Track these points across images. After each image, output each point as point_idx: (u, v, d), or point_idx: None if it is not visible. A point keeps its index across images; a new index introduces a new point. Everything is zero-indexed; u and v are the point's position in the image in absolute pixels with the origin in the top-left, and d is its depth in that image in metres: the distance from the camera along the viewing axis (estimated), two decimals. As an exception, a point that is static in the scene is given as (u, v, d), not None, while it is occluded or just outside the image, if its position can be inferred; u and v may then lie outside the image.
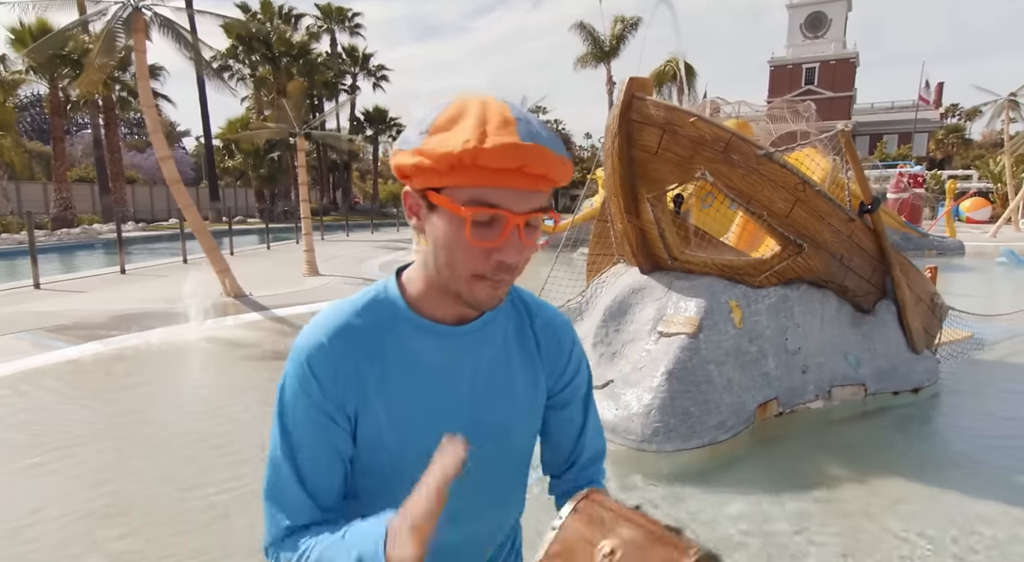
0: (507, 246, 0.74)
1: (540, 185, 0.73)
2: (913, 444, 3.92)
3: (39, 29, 22.75)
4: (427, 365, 0.85)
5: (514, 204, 0.72)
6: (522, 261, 0.77)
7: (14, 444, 3.82)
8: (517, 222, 0.73)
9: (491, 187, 0.71)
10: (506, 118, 0.71)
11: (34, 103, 37.76)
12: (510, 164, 0.69)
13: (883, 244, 4.38)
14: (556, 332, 0.97)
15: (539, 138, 0.71)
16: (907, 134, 49.76)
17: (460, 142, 0.69)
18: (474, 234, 0.73)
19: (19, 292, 9.47)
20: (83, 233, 22.71)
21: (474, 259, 0.75)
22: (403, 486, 0.80)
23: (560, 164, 0.73)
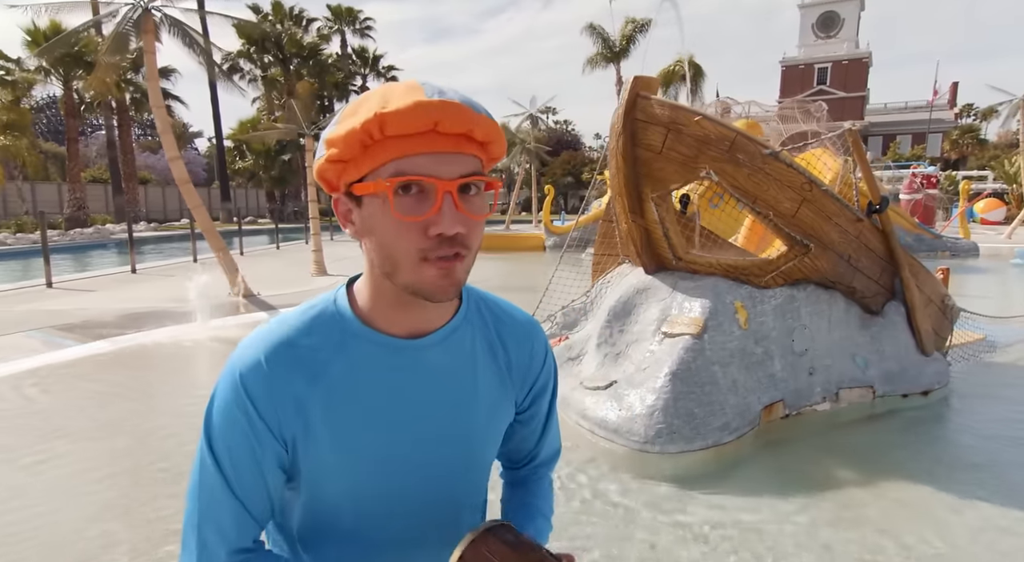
0: (443, 216, 0.66)
1: (464, 146, 0.68)
2: (922, 447, 3.86)
3: (53, 31, 23.05)
4: (380, 384, 0.77)
5: (439, 169, 0.66)
6: (468, 235, 0.69)
7: (20, 440, 3.86)
8: (448, 188, 0.66)
9: (409, 155, 0.66)
10: (411, 85, 0.67)
11: (50, 105, 38.24)
12: (420, 124, 0.64)
13: (892, 245, 4.32)
14: (529, 341, 0.90)
15: (450, 95, 0.66)
16: (921, 134, 49.25)
17: (365, 116, 0.65)
18: (402, 208, 0.66)
19: (32, 291, 9.58)
20: (96, 233, 22.98)
21: (412, 238, 0.68)
22: (358, 521, 0.79)
23: (483, 122, 0.67)
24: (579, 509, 3.01)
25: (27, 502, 3.07)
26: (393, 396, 0.77)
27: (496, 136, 0.70)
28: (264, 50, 35.22)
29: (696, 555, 2.64)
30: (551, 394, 0.97)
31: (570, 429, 3.87)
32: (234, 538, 0.75)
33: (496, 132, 0.70)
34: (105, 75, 8.98)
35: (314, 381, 0.74)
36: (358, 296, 0.79)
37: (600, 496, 3.17)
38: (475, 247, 0.72)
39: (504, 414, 0.88)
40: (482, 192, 0.71)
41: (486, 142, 0.70)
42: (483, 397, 0.84)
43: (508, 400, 0.88)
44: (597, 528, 2.84)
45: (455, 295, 0.73)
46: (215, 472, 0.73)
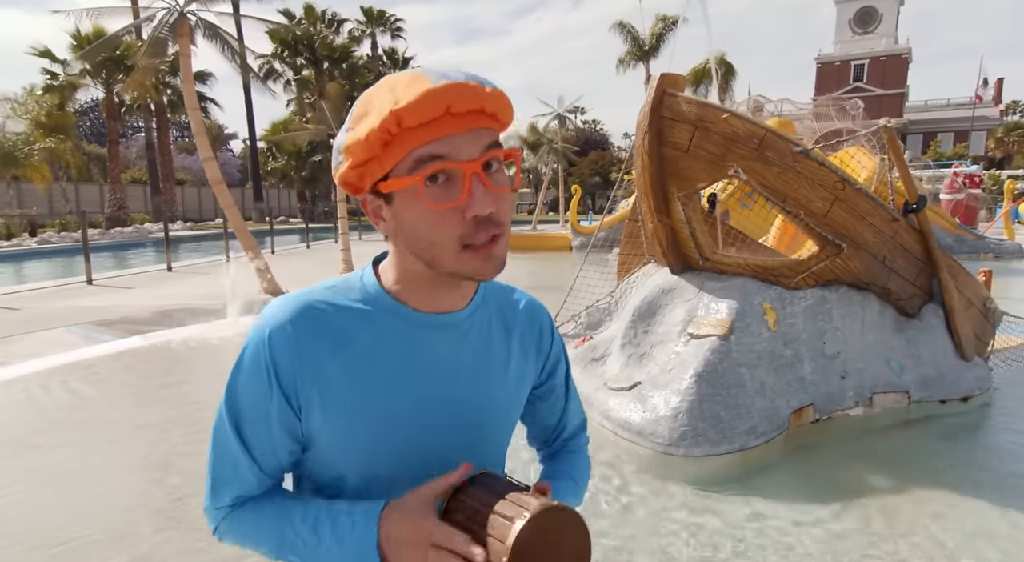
0: (475, 198, 0.68)
1: (480, 122, 0.68)
2: (961, 454, 3.72)
3: (96, 36, 23.88)
4: (404, 356, 0.79)
5: (460, 150, 0.67)
6: (501, 211, 0.70)
7: (59, 432, 3.99)
8: (473, 169, 0.68)
9: (428, 143, 0.67)
10: (414, 75, 0.68)
11: (92, 108, 39.59)
12: (434, 111, 0.65)
13: (930, 245, 4.17)
14: (536, 318, 0.94)
15: (454, 77, 0.67)
16: (964, 132, 47.62)
17: (381, 116, 0.66)
18: (434, 198, 0.68)
19: (73, 288, 9.92)
20: (135, 232, 23.70)
21: (450, 226, 0.69)
22: (377, 482, 0.80)
23: (491, 95, 0.68)
24: (602, 511, 2.98)
25: (64, 491, 3.17)
26: (416, 368, 0.79)
27: (505, 105, 0.70)
28: (296, 53, 35.88)
29: (720, 559, 2.58)
30: (565, 366, 1.00)
31: (593, 430, 3.83)
32: (241, 487, 0.80)
33: (504, 101, 0.70)
34: (143, 78, 9.26)
35: (338, 349, 0.76)
36: (384, 276, 0.81)
37: (623, 498, 3.13)
38: (508, 222, 0.73)
39: (521, 388, 0.91)
40: (502, 165, 0.72)
41: (496, 112, 0.70)
42: (501, 372, 0.87)
43: (524, 375, 0.91)
44: (620, 530, 2.81)
45: (500, 271, 0.75)
46: (230, 426, 0.78)
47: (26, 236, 19.76)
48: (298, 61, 36.58)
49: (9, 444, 3.78)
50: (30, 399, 4.62)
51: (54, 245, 18.73)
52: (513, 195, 0.76)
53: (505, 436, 0.93)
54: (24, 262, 16.29)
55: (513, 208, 0.76)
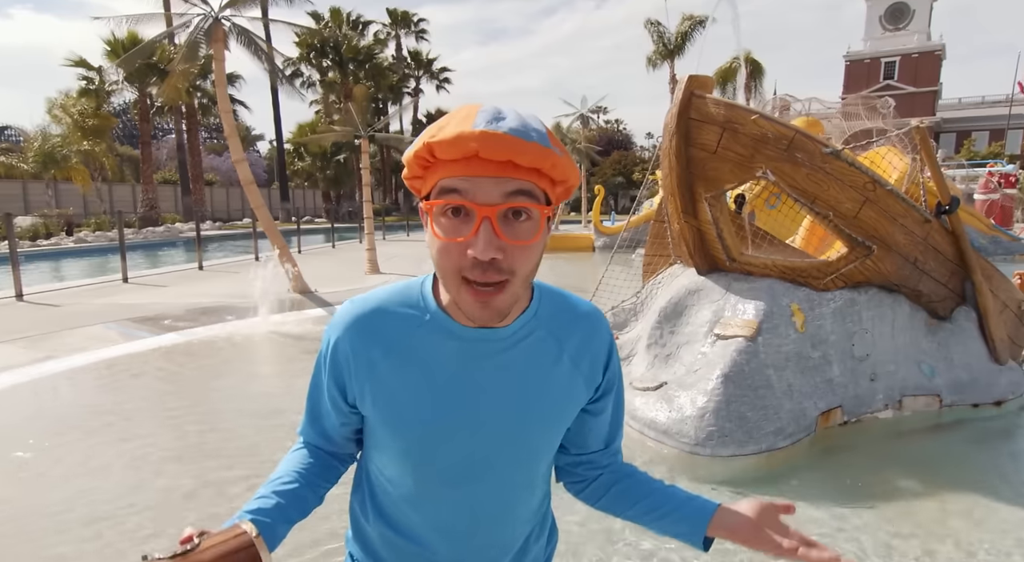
0: (478, 239, 0.70)
1: (508, 172, 0.70)
2: (994, 460, 3.66)
3: (130, 42, 24.52)
4: (448, 367, 0.83)
5: (479, 193, 0.70)
6: (508, 260, 0.72)
7: (104, 422, 4.15)
8: (487, 214, 0.70)
9: (453, 177, 0.71)
10: (467, 113, 0.71)
11: (125, 110, 40.68)
12: (461, 152, 0.69)
13: (963, 247, 4.11)
14: (596, 333, 0.92)
15: (498, 125, 0.69)
16: (999, 131, 46.27)
17: (422, 141, 0.72)
18: (443, 229, 0.72)
19: (109, 286, 10.24)
20: (166, 231, 24.28)
21: (451, 256, 0.72)
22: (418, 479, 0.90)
23: (529, 150, 0.69)
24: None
25: (114, 481, 3.31)
26: (459, 380, 0.84)
27: (546, 163, 0.71)
28: (322, 55, 36.38)
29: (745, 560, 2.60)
30: (619, 384, 0.99)
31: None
32: (309, 434, 0.98)
33: (546, 159, 0.71)
34: (179, 82, 9.50)
35: (389, 353, 0.85)
36: (437, 287, 0.86)
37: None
38: (521, 272, 0.74)
39: (568, 406, 0.90)
40: (533, 218, 0.73)
41: (536, 169, 0.71)
42: (546, 390, 0.87)
43: (574, 392, 0.90)
44: (640, 532, 2.83)
45: (497, 320, 0.77)
46: (311, 389, 0.96)
47: (63, 235, 20.39)
48: (324, 63, 37.09)
49: (57, 433, 3.94)
50: (76, 391, 4.81)
51: (90, 244, 19.30)
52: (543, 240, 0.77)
53: (547, 453, 0.94)
54: (62, 260, 16.82)
55: (537, 258, 0.76)
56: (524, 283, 0.76)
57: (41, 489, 3.21)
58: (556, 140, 0.74)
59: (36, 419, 4.28)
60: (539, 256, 0.77)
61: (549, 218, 0.77)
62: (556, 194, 0.76)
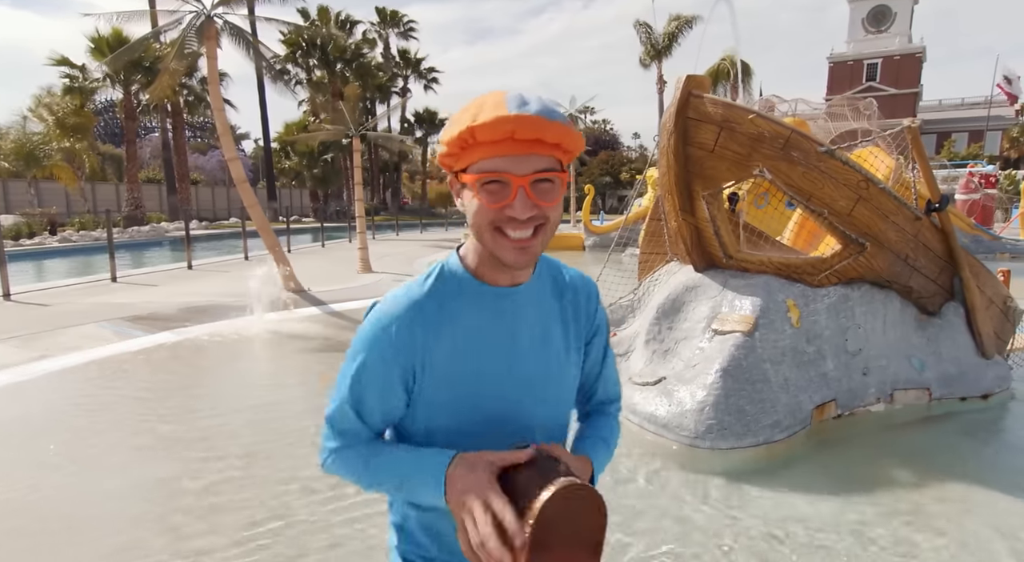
0: (516, 204, 0.86)
1: (537, 148, 0.85)
2: (981, 451, 3.77)
3: (114, 39, 24.20)
4: (489, 321, 0.98)
5: (515, 168, 0.85)
6: (538, 214, 0.88)
7: (102, 423, 4.14)
8: (521, 183, 0.86)
9: (493, 157, 0.85)
10: (498, 100, 0.85)
11: (107, 108, 40.09)
12: (500, 134, 0.83)
13: (952, 244, 4.23)
14: (585, 290, 1.11)
15: (527, 108, 0.84)
16: (978, 132, 47.16)
17: (463, 126, 0.85)
18: (487, 198, 0.87)
19: (98, 285, 10.13)
20: (152, 231, 24.00)
21: (491, 216, 0.88)
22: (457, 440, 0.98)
23: (557, 128, 0.84)
24: (630, 503, 3.06)
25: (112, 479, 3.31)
26: (499, 331, 0.99)
27: (565, 137, 0.87)
28: (309, 54, 36.14)
29: (746, 550, 2.66)
30: (605, 335, 1.16)
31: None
32: (349, 438, 1.00)
33: (565, 134, 0.86)
34: (170, 81, 9.42)
35: (439, 325, 0.96)
36: (465, 259, 1.00)
37: (650, 488, 3.21)
38: (552, 219, 0.91)
39: (574, 350, 1.08)
40: (556, 183, 0.89)
41: (557, 143, 0.87)
42: (557, 335, 1.05)
43: (577, 338, 1.09)
44: (648, 522, 2.89)
45: (529, 265, 0.93)
46: (349, 396, 0.98)
47: (47, 234, 20.08)
48: (310, 62, 36.84)
49: (54, 433, 3.92)
50: (73, 390, 4.78)
51: (74, 243, 19.03)
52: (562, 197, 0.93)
53: (567, 404, 1.11)
54: (46, 260, 16.58)
55: (560, 210, 0.93)
56: (554, 227, 0.92)
57: (42, 488, 3.21)
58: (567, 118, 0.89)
59: (34, 418, 4.25)
60: (562, 208, 0.94)
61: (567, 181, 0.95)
62: (567, 159, 0.93)
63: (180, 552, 2.60)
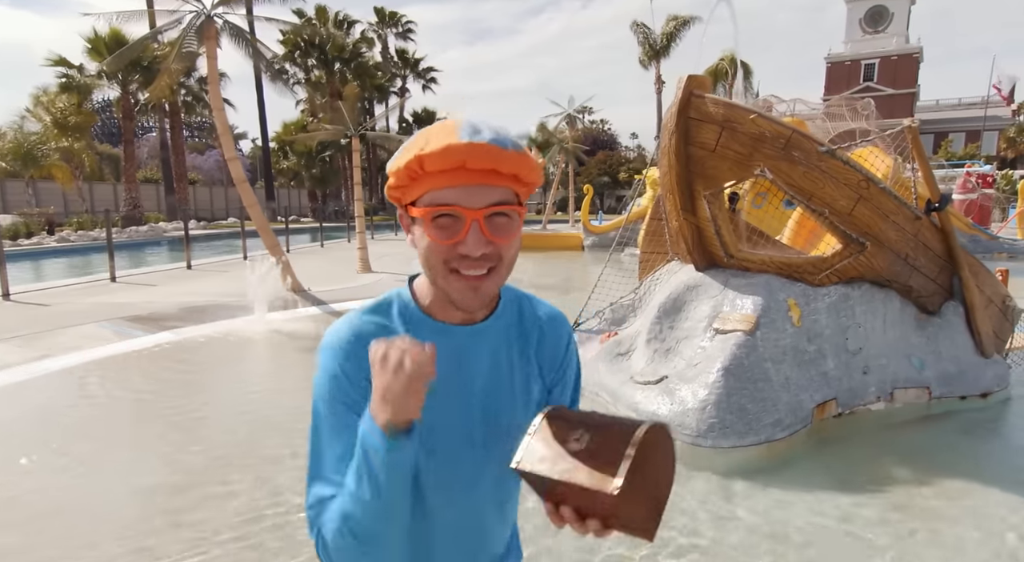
0: (468, 240, 0.80)
1: (492, 179, 0.79)
2: (980, 449, 3.80)
3: (112, 38, 24.15)
4: (440, 362, 0.86)
5: (467, 200, 0.79)
6: (492, 253, 0.81)
7: (103, 422, 4.14)
8: (475, 217, 0.79)
9: (443, 188, 0.79)
10: (448, 126, 0.80)
11: (105, 108, 39.96)
12: (450, 163, 0.77)
13: (951, 244, 4.26)
14: (556, 328, 1.03)
15: (479, 136, 0.77)
16: (975, 132, 47.28)
17: (410, 155, 0.79)
18: (438, 234, 0.81)
19: (98, 285, 10.11)
20: (150, 231, 23.97)
21: (442, 254, 0.82)
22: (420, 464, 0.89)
23: (512, 158, 0.79)
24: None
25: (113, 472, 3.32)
26: (447, 370, 0.88)
27: (523, 168, 0.80)
28: (307, 54, 36.09)
29: (748, 548, 2.68)
30: (575, 375, 1.07)
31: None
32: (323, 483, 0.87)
33: (522, 165, 0.80)
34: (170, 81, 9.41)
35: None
36: (418, 292, 0.94)
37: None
38: (507, 259, 0.84)
39: (534, 392, 0.99)
40: (513, 218, 0.83)
41: (513, 174, 0.80)
42: (517, 375, 0.97)
43: (538, 380, 1.00)
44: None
45: (481, 307, 0.86)
46: (321, 434, 0.89)
47: (45, 234, 20.04)
48: (309, 62, 36.79)
49: (55, 432, 3.93)
50: (74, 390, 4.78)
51: (72, 243, 18.99)
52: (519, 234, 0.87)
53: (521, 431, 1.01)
54: (44, 260, 16.55)
55: (517, 248, 0.86)
56: (509, 268, 0.86)
57: (44, 487, 3.21)
58: (523, 147, 0.83)
59: (34, 418, 4.26)
60: (517, 247, 0.87)
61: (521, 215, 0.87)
62: (525, 193, 0.86)
63: (181, 550, 2.61)
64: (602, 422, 0.80)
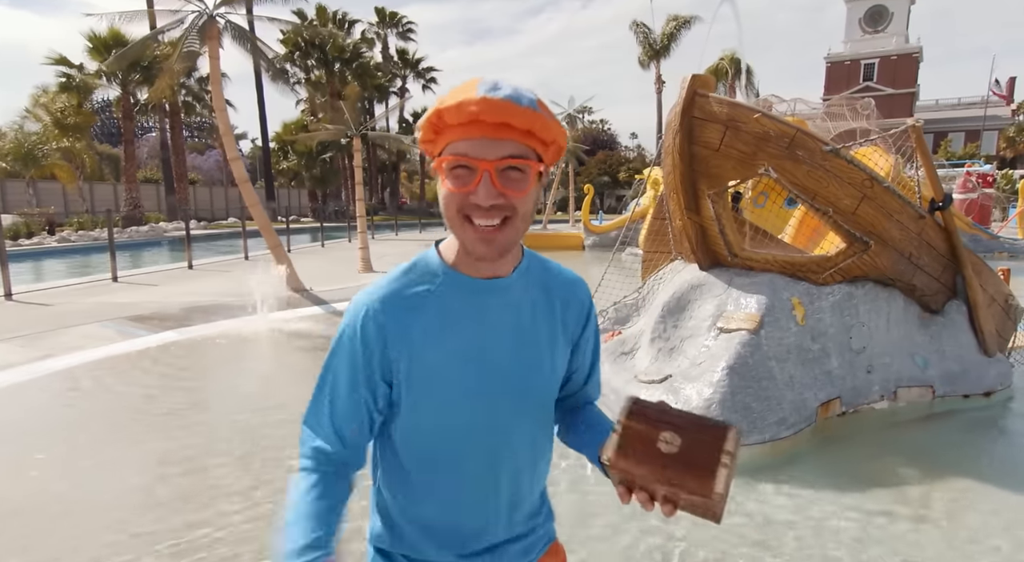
0: (479, 190, 0.84)
1: (504, 133, 0.83)
2: (984, 447, 3.80)
3: (112, 39, 24.14)
4: (466, 313, 0.95)
5: (481, 152, 0.83)
6: (504, 204, 0.85)
7: (105, 421, 4.14)
8: (487, 168, 0.83)
9: (459, 140, 0.84)
10: (470, 84, 0.84)
11: (104, 108, 39.93)
12: (465, 116, 0.81)
13: (955, 242, 4.26)
14: (577, 293, 1.08)
15: (496, 92, 0.82)
16: (975, 132, 47.32)
17: (433, 109, 0.85)
18: (453, 182, 0.85)
19: (99, 285, 10.11)
20: (151, 231, 23.96)
21: (457, 202, 0.86)
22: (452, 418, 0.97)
23: (526, 114, 0.82)
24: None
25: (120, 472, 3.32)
26: (475, 323, 0.96)
27: (536, 124, 0.83)
28: (308, 54, 36.09)
29: (751, 545, 2.68)
30: (595, 340, 1.13)
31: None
32: (319, 440, 0.97)
33: (536, 121, 0.83)
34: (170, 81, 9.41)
35: (417, 316, 0.94)
36: (444, 252, 0.98)
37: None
38: (522, 211, 0.88)
39: (560, 349, 1.04)
40: (526, 172, 0.86)
41: (528, 130, 0.83)
42: (543, 328, 1.02)
43: (563, 338, 1.05)
44: (655, 520, 2.91)
45: (496, 257, 0.90)
46: (326, 389, 0.97)
47: (45, 234, 20.03)
48: (309, 62, 36.79)
49: (57, 432, 3.93)
50: (77, 389, 4.79)
51: (73, 243, 18.99)
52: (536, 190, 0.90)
53: (548, 394, 1.05)
54: (45, 260, 16.54)
55: (534, 202, 0.90)
56: (524, 220, 0.89)
57: (45, 487, 3.22)
58: (545, 107, 0.87)
59: (37, 418, 4.26)
60: (533, 201, 0.90)
61: (540, 173, 0.90)
62: (548, 153, 0.89)
63: (182, 549, 2.62)
64: (686, 423, 0.85)
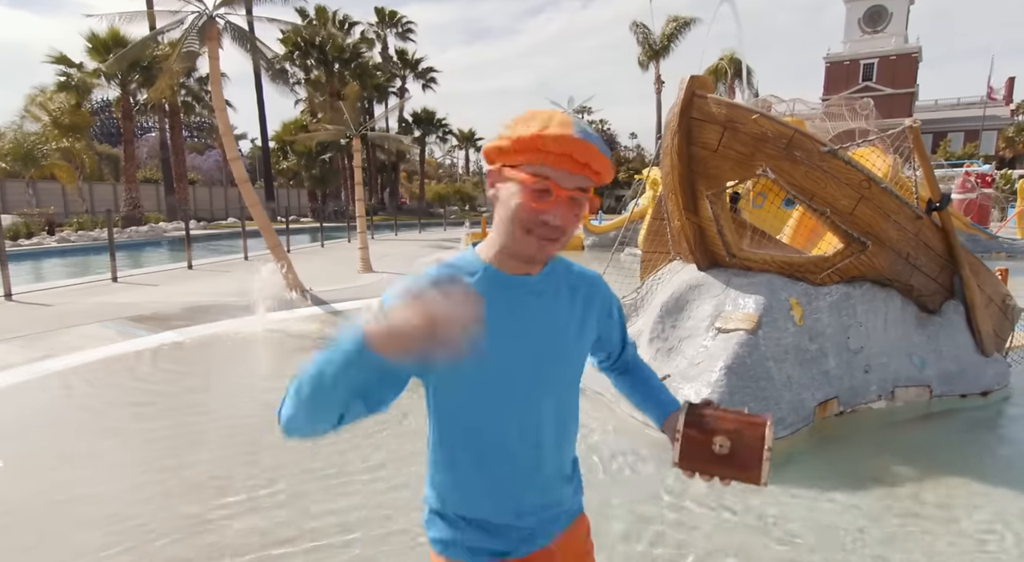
0: (553, 210, 1.00)
1: (584, 171, 0.99)
2: (981, 447, 3.82)
3: (111, 39, 24.14)
4: (503, 305, 1.07)
5: (563, 181, 0.99)
6: (566, 226, 1.01)
7: (107, 421, 4.15)
8: (563, 194, 0.99)
9: (548, 166, 0.98)
10: (565, 120, 1.00)
11: (104, 108, 39.93)
12: (563, 150, 0.97)
13: (952, 242, 4.28)
14: (598, 288, 1.26)
15: (588, 137, 0.99)
16: (974, 132, 47.37)
17: (531, 131, 0.97)
18: (532, 198, 0.99)
19: (99, 285, 10.12)
20: (150, 231, 23.96)
21: (528, 216, 1.00)
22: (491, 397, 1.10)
23: (602, 159, 1.00)
24: (634, 498, 3.09)
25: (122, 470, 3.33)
26: (509, 312, 1.09)
27: (605, 168, 1.02)
28: (307, 54, 36.09)
29: (749, 546, 2.70)
30: (621, 322, 1.35)
31: (623, 421, 3.97)
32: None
33: (604, 165, 1.01)
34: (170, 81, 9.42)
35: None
36: (482, 251, 1.12)
37: (655, 487, 3.24)
38: (569, 232, 1.04)
39: (586, 337, 1.21)
40: (583, 203, 1.03)
41: (598, 172, 1.01)
42: (570, 323, 1.17)
43: (586, 328, 1.21)
44: (652, 519, 2.92)
45: (540, 262, 1.09)
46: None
47: (45, 235, 20.04)
48: (308, 62, 36.78)
49: (58, 432, 3.94)
50: (78, 389, 4.80)
51: (73, 244, 19.00)
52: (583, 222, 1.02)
53: (575, 385, 1.21)
54: (45, 260, 16.55)
55: (578, 228, 1.01)
56: (568, 240, 1.06)
57: (47, 486, 3.23)
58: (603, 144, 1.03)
59: (37, 418, 4.27)
60: (578, 225, 1.07)
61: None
62: (597, 182, 1.06)
63: (183, 549, 2.63)
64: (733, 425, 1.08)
